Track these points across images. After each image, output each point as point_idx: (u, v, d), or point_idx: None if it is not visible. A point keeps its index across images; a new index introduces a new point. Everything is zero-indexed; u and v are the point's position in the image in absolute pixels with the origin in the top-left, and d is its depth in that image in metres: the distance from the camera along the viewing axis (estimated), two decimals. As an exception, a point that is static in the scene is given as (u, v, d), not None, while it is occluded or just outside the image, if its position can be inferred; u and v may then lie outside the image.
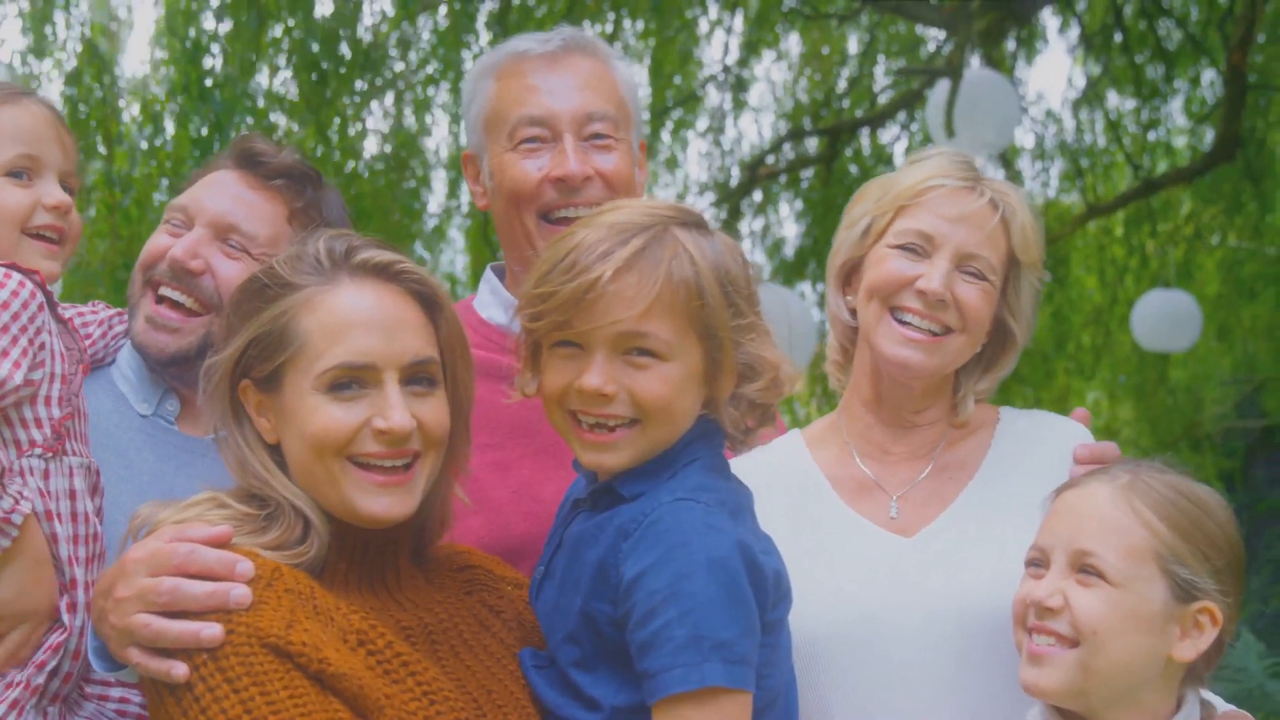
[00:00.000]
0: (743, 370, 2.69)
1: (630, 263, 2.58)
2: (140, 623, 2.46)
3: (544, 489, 3.35)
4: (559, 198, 3.44)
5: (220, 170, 3.42)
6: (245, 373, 2.67)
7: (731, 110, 14.33)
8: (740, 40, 13.87)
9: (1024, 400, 14.84)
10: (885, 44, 13.47)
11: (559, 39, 3.56)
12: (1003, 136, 9.67)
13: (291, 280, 2.65)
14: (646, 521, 2.56)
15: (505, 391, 3.42)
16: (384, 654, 2.54)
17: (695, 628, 2.45)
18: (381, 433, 2.60)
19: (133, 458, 3.24)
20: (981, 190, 3.23)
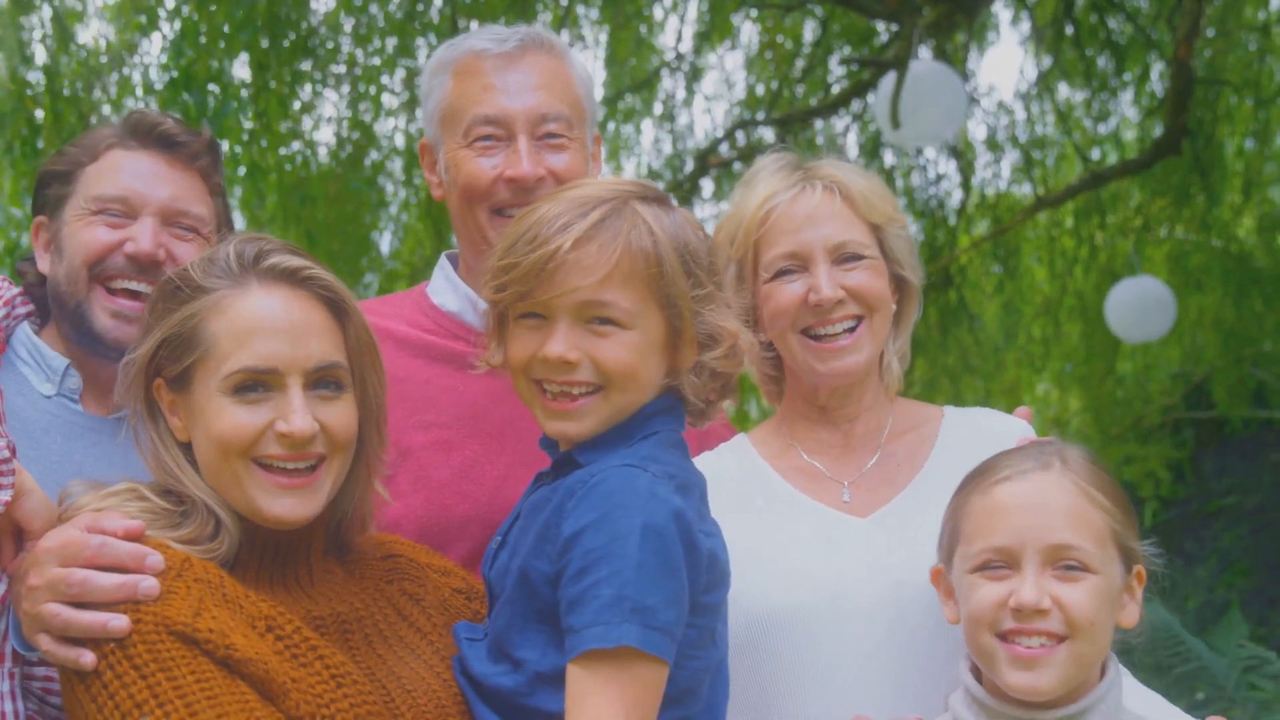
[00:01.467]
0: (703, 340, 2.74)
1: (589, 233, 2.65)
2: (50, 612, 2.52)
3: (486, 471, 3.41)
4: (512, 197, 3.52)
5: (130, 151, 3.41)
6: (158, 372, 2.72)
7: (684, 98, 14.34)
8: (694, 29, 13.88)
9: (974, 391, 14.93)
10: (839, 35, 13.48)
11: (516, 38, 3.62)
12: (948, 128, 9.72)
13: (203, 284, 2.70)
14: (591, 482, 2.62)
15: (455, 375, 3.49)
16: (292, 639, 2.58)
17: (620, 589, 2.49)
18: (283, 435, 2.64)
19: (40, 438, 3.25)
20: (813, 184, 3.32)
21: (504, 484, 3.41)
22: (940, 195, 14.18)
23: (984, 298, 15.09)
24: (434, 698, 2.71)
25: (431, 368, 3.49)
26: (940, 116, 9.34)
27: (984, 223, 14.68)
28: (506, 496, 3.33)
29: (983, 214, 14.64)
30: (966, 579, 2.95)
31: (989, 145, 14.31)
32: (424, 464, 3.38)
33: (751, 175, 3.43)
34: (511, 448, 3.47)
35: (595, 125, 3.77)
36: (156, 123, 3.44)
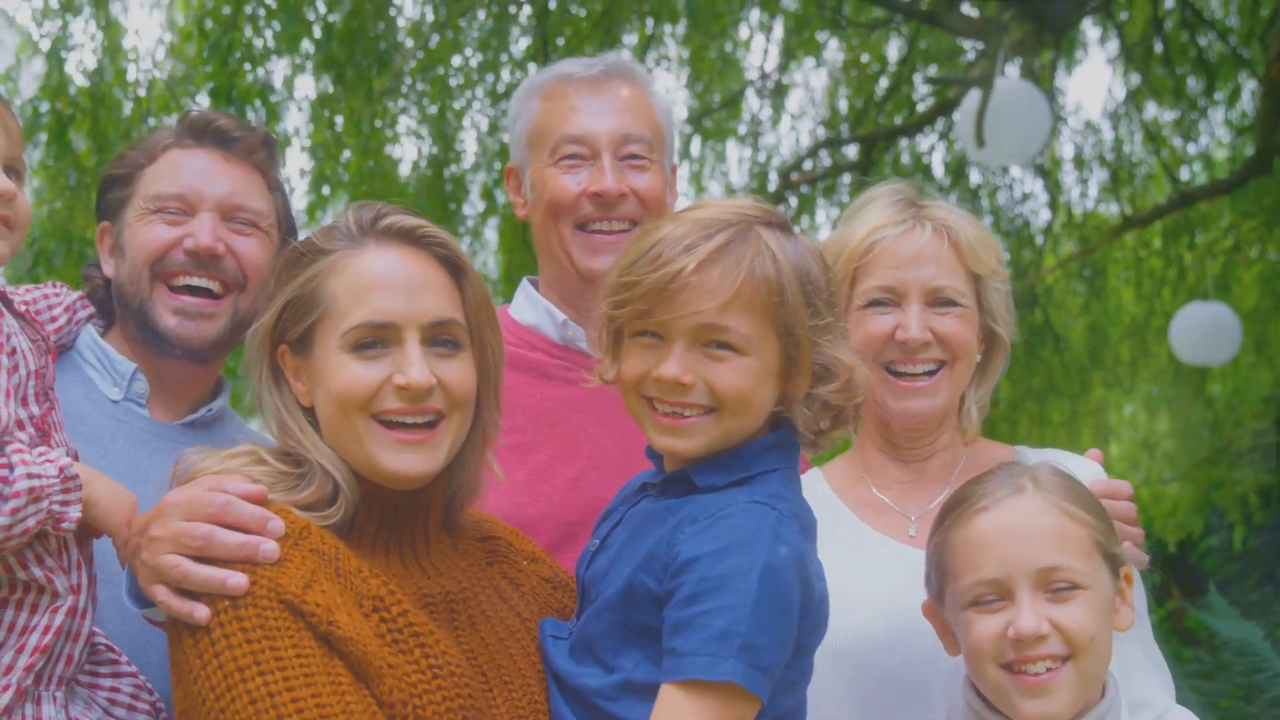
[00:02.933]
0: (818, 370, 2.72)
1: (713, 256, 2.64)
2: (170, 563, 2.56)
3: (559, 474, 3.51)
4: (594, 212, 3.64)
5: (187, 150, 3.46)
6: (281, 338, 2.76)
7: (769, 117, 14.33)
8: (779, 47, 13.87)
9: (1060, 413, 14.78)
10: (925, 53, 13.43)
11: (602, 65, 3.77)
12: (1033, 147, 9.63)
13: (323, 247, 2.75)
14: (719, 514, 2.61)
15: (532, 383, 3.58)
16: (396, 622, 2.60)
17: (732, 624, 2.49)
18: (401, 389, 2.67)
19: (107, 444, 3.29)
20: (923, 224, 3.32)
21: (576, 486, 3.50)
22: (1026, 214, 14.08)
23: (1070, 318, 14.93)
24: (529, 691, 2.74)
25: (510, 376, 3.52)
26: (1025, 135, 9.26)
27: (1071, 242, 14.54)
28: (578, 497, 3.43)
29: (1069, 233, 14.50)
30: (962, 616, 2.92)
31: (1076, 164, 14.20)
32: (501, 463, 3.43)
33: (864, 202, 3.44)
34: (585, 452, 3.57)
35: (674, 155, 3.89)
36: (211, 120, 3.50)
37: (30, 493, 2.61)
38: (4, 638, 2.72)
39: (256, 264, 3.43)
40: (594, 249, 3.65)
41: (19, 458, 2.63)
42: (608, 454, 3.54)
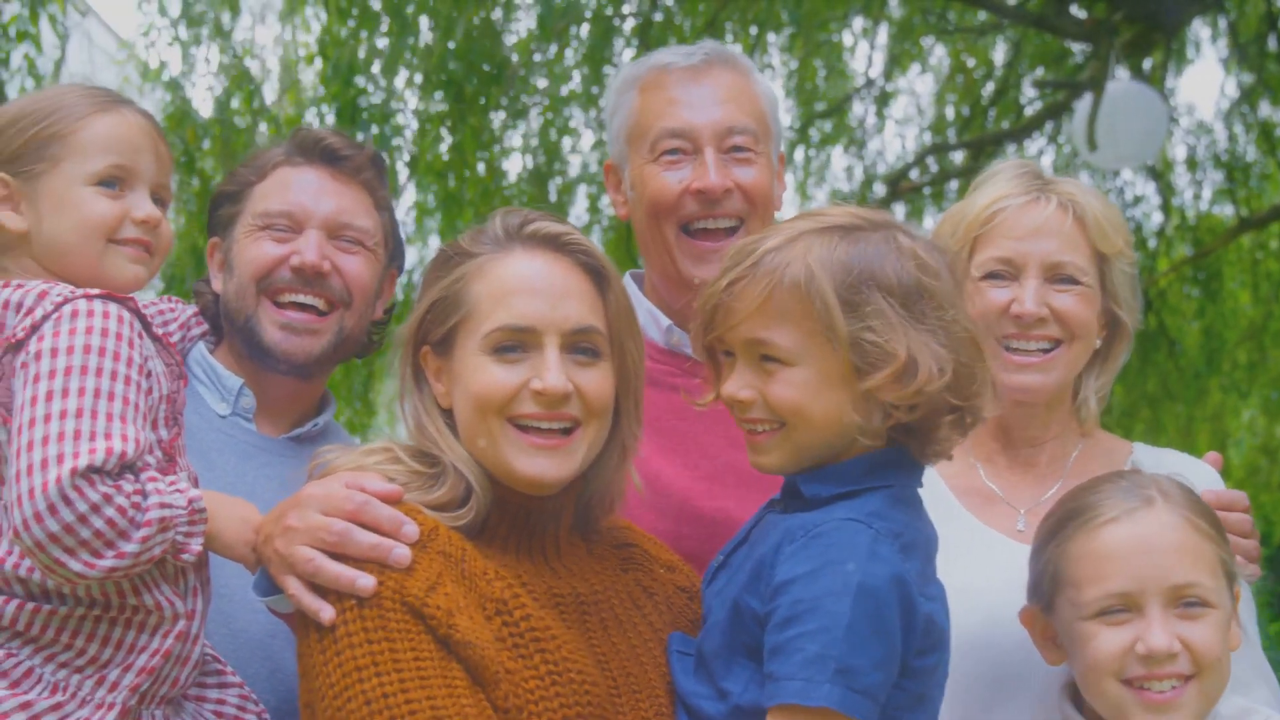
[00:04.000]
0: (877, 367, 2.59)
1: (743, 273, 2.64)
2: (304, 556, 2.58)
3: (672, 483, 3.42)
4: (699, 209, 3.49)
5: (297, 169, 3.48)
6: (425, 338, 2.78)
7: (875, 124, 14.25)
8: (884, 54, 13.80)
9: (1175, 419, 14.53)
10: (1032, 56, 13.29)
11: (701, 53, 3.61)
12: (1148, 149, 9.49)
13: (470, 250, 2.77)
14: (813, 532, 2.58)
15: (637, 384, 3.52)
16: (518, 626, 2.61)
17: (826, 647, 2.45)
18: (538, 393, 2.68)
19: (215, 459, 3.32)
20: (1048, 196, 3.23)
21: (689, 498, 3.42)
22: (1139, 218, 13.86)
23: (1184, 322, 14.67)
24: (656, 702, 2.73)
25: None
26: (1139, 137, 9.13)
27: (1184, 245, 14.29)
28: (691, 509, 3.37)
29: (1183, 236, 14.25)
30: (1081, 626, 2.85)
31: (1189, 166, 13.96)
32: None
33: (989, 174, 3.37)
34: (693, 461, 3.48)
35: (780, 143, 3.73)
36: (320, 138, 3.51)
37: (161, 523, 2.63)
38: (112, 655, 2.75)
39: (361, 282, 3.45)
40: (699, 256, 3.52)
41: (153, 486, 2.66)
42: (717, 463, 3.47)
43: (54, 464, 2.55)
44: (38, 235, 2.86)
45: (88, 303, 2.73)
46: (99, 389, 2.65)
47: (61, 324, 2.69)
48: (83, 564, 2.56)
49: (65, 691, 2.72)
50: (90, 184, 2.87)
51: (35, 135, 2.86)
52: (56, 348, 2.67)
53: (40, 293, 2.74)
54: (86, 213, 2.86)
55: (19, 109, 2.92)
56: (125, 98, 3.03)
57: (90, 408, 2.62)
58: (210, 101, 11.54)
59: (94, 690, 2.73)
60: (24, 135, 2.86)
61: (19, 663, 2.71)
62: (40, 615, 2.71)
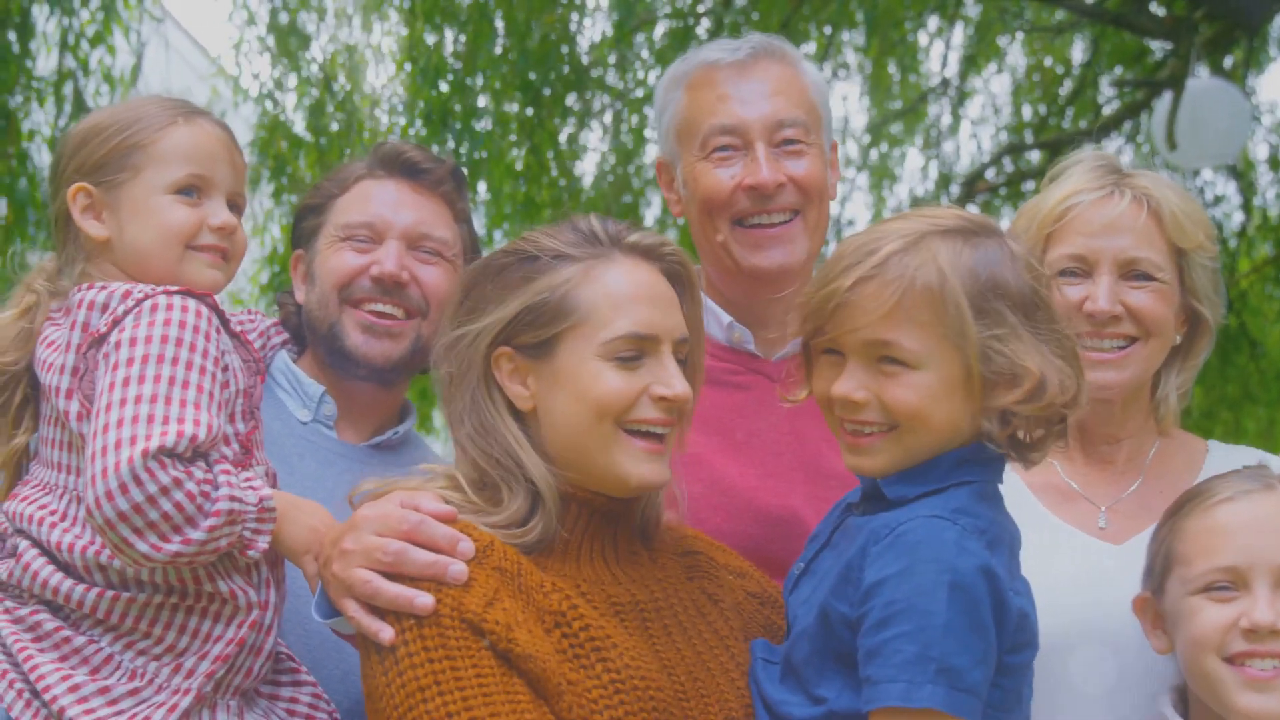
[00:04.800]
0: (1004, 381, 2.61)
1: (871, 273, 2.61)
2: (361, 578, 2.59)
3: (737, 483, 3.41)
4: (751, 205, 3.48)
5: (378, 181, 3.54)
6: (507, 340, 2.76)
7: (950, 124, 14.17)
8: (960, 54, 13.72)
9: (1257, 421, 14.35)
10: (1110, 55, 13.16)
11: (748, 47, 3.59)
12: (1230, 148, 9.37)
13: (567, 252, 2.76)
14: (898, 530, 2.56)
15: (702, 390, 3.49)
16: (577, 637, 2.61)
17: (925, 647, 2.44)
18: (661, 400, 2.71)
19: (295, 464, 3.36)
20: (1122, 191, 3.18)
21: (753, 496, 3.40)
22: (1219, 217, 13.68)
23: (1266, 323, 14.48)
24: (725, 708, 2.72)
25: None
26: (1221, 136, 9.01)
27: (1266, 245, 14.10)
28: (756, 508, 3.35)
29: (1265, 236, 14.05)
30: (1187, 602, 2.85)
31: (1271, 164, 13.76)
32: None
33: (1065, 167, 3.33)
34: (758, 460, 3.47)
35: (831, 131, 3.70)
36: (400, 151, 3.57)
37: (229, 515, 2.69)
38: (189, 643, 2.82)
39: (439, 292, 3.48)
40: (755, 244, 3.50)
41: (225, 479, 2.72)
42: (782, 461, 3.46)
43: (127, 445, 2.62)
44: (119, 242, 2.95)
45: (167, 298, 2.81)
46: (174, 377, 2.72)
47: (142, 317, 2.78)
48: (149, 545, 2.62)
49: (143, 678, 2.79)
50: (169, 192, 2.95)
51: (117, 146, 2.95)
52: (135, 337, 2.75)
53: (124, 292, 2.83)
54: (166, 220, 2.95)
55: (100, 120, 3.01)
56: (202, 108, 3.11)
57: (165, 394, 2.69)
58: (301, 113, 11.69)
59: (170, 677, 2.80)
60: (106, 146, 2.95)
61: (99, 649, 2.79)
62: (119, 603, 2.78)
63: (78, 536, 2.79)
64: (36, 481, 2.92)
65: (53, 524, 2.82)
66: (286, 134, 11.53)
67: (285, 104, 11.85)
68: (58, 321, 2.93)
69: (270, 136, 11.49)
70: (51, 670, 2.75)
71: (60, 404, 2.82)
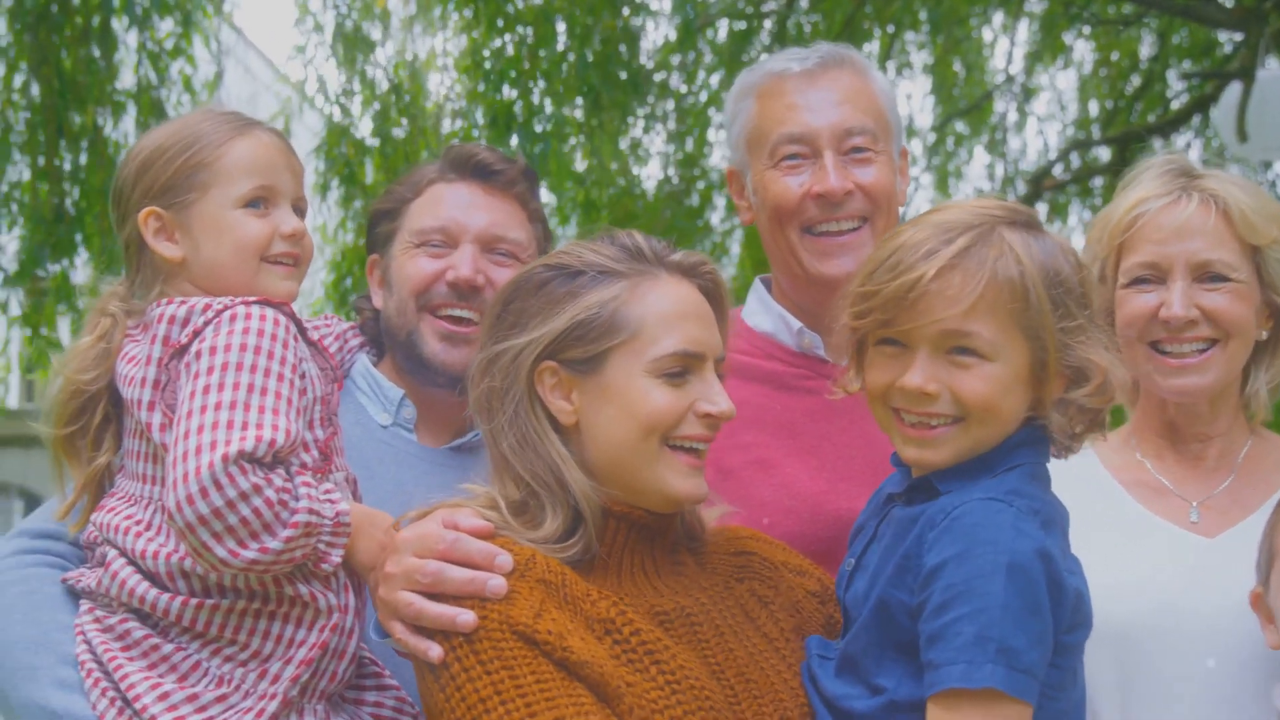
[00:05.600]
0: (1071, 374, 2.63)
1: (954, 261, 2.58)
2: (404, 600, 2.62)
3: (806, 487, 3.41)
4: (820, 213, 3.48)
5: (450, 184, 3.53)
6: (552, 354, 2.75)
7: (1016, 121, 14.08)
8: (1025, 49, 13.64)
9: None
10: (1178, 48, 13.02)
11: (816, 56, 3.60)
12: (1300, 139, 9.24)
13: (613, 268, 2.76)
14: (954, 514, 2.55)
15: (771, 394, 3.52)
16: (629, 642, 2.61)
17: (984, 628, 2.43)
18: (707, 416, 2.72)
19: (375, 468, 3.36)
20: (1189, 194, 3.16)
21: (825, 500, 3.39)
22: (1291, 211, 13.50)
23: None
24: (780, 707, 2.71)
25: (747, 388, 3.49)
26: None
27: (1340, 238, 13.88)
28: (828, 512, 3.33)
29: (1339, 229, 13.85)
30: None
31: (1343, 157, 13.57)
32: (745, 483, 3.39)
33: (1135, 174, 3.30)
34: (830, 463, 3.46)
35: (902, 139, 3.70)
36: (472, 153, 3.56)
37: (306, 527, 2.71)
38: (273, 649, 2.83)
39: None
40: (824, 252, 3.50)
41: (305, 490, 2.74)
42: (854, 465, 3.43)
43: (208, 449, 2.64)
44: (195, 261, 2.97)
45: (246, 308, 2.83)
46: (253, 384, 2.74)
47: (221, 327, 2.80)
48: (227, 551, 2.64)
49: (230, 684, 2.80)
50: (238, 207, 2.97)
51: (181, 166, 2.96)
52: (216, 346, 2.77)
53: (204, 305, 2.86)
54: (240, 234, 2.97)
55: (159, 143, 3.02)
56: (255, 119, 3.13)
57: (245, 400, 2.71)
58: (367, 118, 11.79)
59: (257, 683, 2.81)
60: (170, 167, 2.97)
61: (187, 656, 2.81)
62: (204, 610, 2.80)
63: (161, 545, 2.82)
64: (122, 493, 2.94)
65: (138, 533, 2.85)
66: (351, 140, 11.62)
67: (351, 110, 11.95)
68: (136, 338, 2.95)
69: (336, 143, 11.58)
70: (141, 679, 2.78)
71: (143, 416, 2.85)
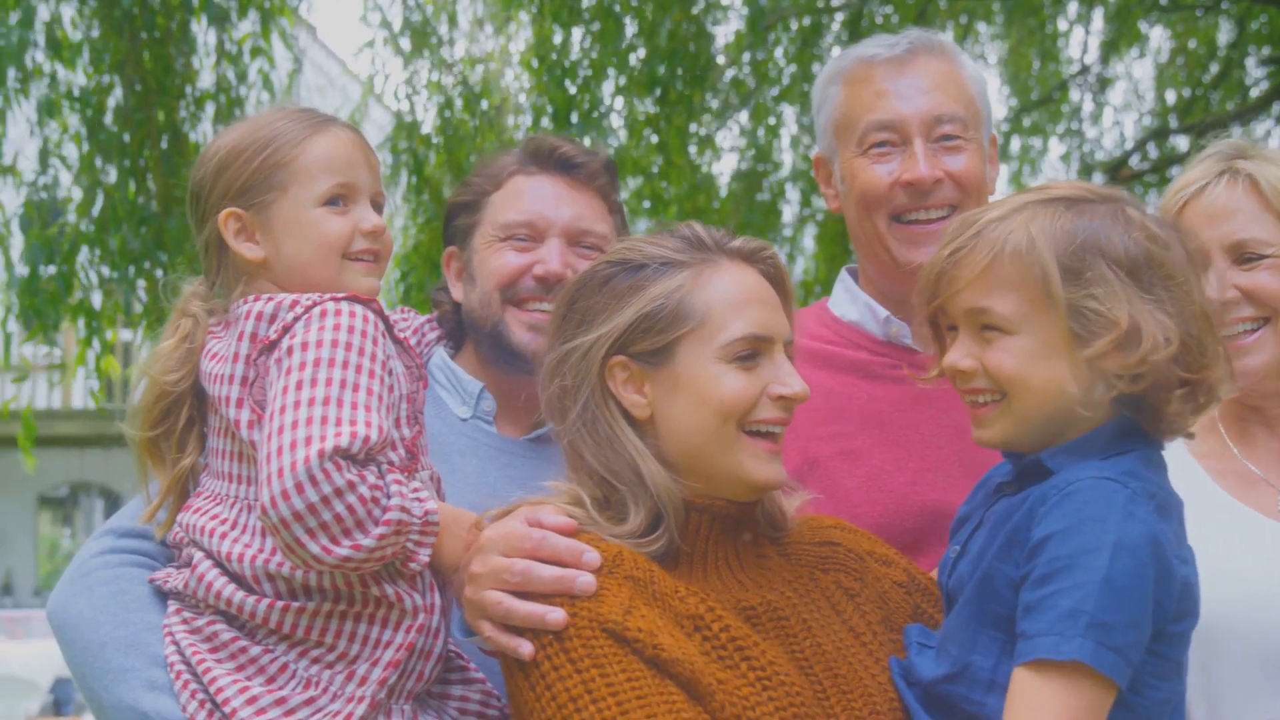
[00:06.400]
0: (1100, 335, 2.57)
1: (966, 242, 2.62)
2: (492, 600, 2.60)
3: (894, 478, 3.37)
4: (909, 201, 3.45)
5: (531, 176, 3.52)
6: (621, 349, 2.74)
7: (1092, 111, 13.95)
8: (1100, 38, 13.50)
9: None
10: (1257, 34, 12.84)
11: (906, 42, 3.56)
12: (1384, 124, 9.10)
13: (675, 258, 2.76)
14: (1067, 490, 2.54)
15: (858, 384, 3.50)
16: (719, 639, 2.59)
17: (1080, 602, 2.41)
18: (782, 399, 2.70)
19: (456, 461, 3.36)
20: (1221, 176, 3.15)
21: (912, 490, 3.36)
22: (1376, 196, 13.28)
23: None
24: (869, 702, 2.68)
25: (835, 378, 3.48)
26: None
27: None
28: (915, 502, 3.30)
29: None
30: None
31: None
32: (832, 473, 3.36)
33: (1190, 163, 3.30)
34: (918, 453, 3.43)
35: (991, 126, 3.66)
36: (555, 146, 3.54)
37: (397, 525, 2.69)
38: (359, 650, 2.82)
39: None
40: (913, 240, 3.47)
41: (397, 489, 2.72)
42: (942, 454, 3.41)
43: (302, 445, 2.63)
44: (277, 260, 2.96)
45: (335, 304, 2.82)
46: (344, 380, 2.73)
47: (311, 323, 2.79)
48: (320, 548, 2.63)
49: (318, 686, 2.80)
50: (319, 205, 2.96)
51: (259, 167, 2.95)
52: (307, 342, 2.76)
53: (292, 301, 2.84)
54: (322, 233, 2.96)
55: (234, 144, 3.01)
56: (330, 115, 3.12)
57: (337, 396, 2.70)
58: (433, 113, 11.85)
59: (344, 685, 2.80)
60: (249, 168, 2.96)
61: (275, 658, 2.81)
62: (290, 612, 2.79)
63: (247, 546, 2.82)
64: (208, 493, 2.95)
65: (223, 534, 2.85)
66: (420, 136, 11.69)
67: (416, 106, 12.01)
68: (219, 335, 2.95)
69: (403, 138, 11.64)
70: (229, 681, 2.78)
71: (230, 413, 2.85)
